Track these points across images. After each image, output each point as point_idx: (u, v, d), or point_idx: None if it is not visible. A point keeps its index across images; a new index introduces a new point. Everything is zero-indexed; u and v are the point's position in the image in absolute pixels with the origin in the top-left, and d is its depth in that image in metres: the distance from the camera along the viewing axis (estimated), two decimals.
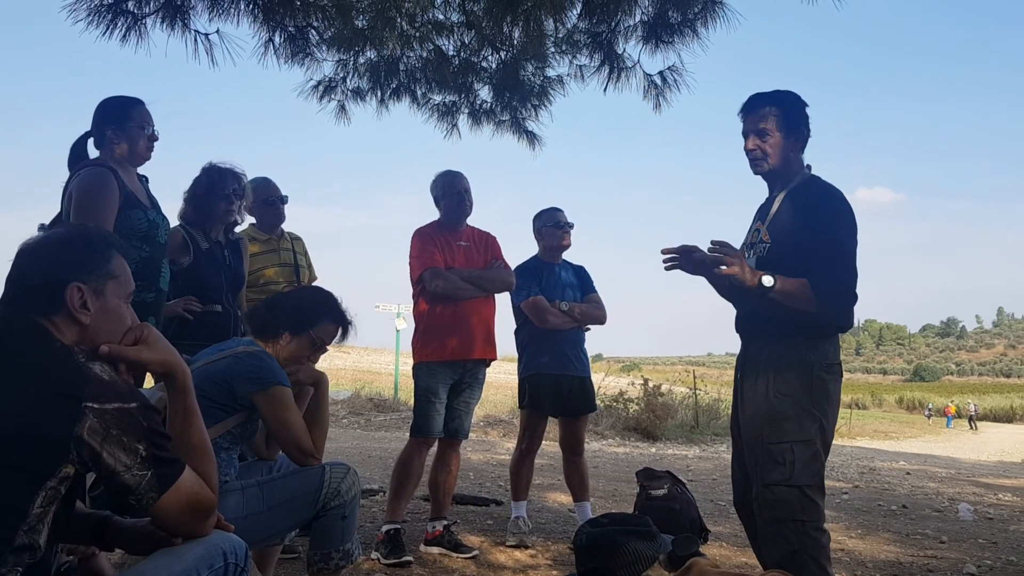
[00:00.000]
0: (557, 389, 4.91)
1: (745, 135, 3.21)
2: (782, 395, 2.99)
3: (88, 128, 3.61)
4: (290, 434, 2.87)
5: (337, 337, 3.13)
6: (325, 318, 3.08)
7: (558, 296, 4.97)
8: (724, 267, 2.94)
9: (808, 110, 3.21)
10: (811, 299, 2.92)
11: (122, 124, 3.55)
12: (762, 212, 3.26)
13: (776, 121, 3.14)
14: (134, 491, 1.69)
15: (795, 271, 2.97)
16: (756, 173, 3.25)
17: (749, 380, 3.15)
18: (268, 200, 4.61)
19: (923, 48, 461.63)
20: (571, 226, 5.10)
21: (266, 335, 3.03)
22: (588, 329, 5.11)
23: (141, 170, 3.68)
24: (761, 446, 3.03)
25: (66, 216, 3.43)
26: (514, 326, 5.13)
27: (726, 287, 3.30)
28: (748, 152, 3.21)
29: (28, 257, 1.81)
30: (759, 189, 3.34)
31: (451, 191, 4.64)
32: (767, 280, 2.92)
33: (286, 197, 4.66)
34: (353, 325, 3.15)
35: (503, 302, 4.85)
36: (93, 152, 3.60)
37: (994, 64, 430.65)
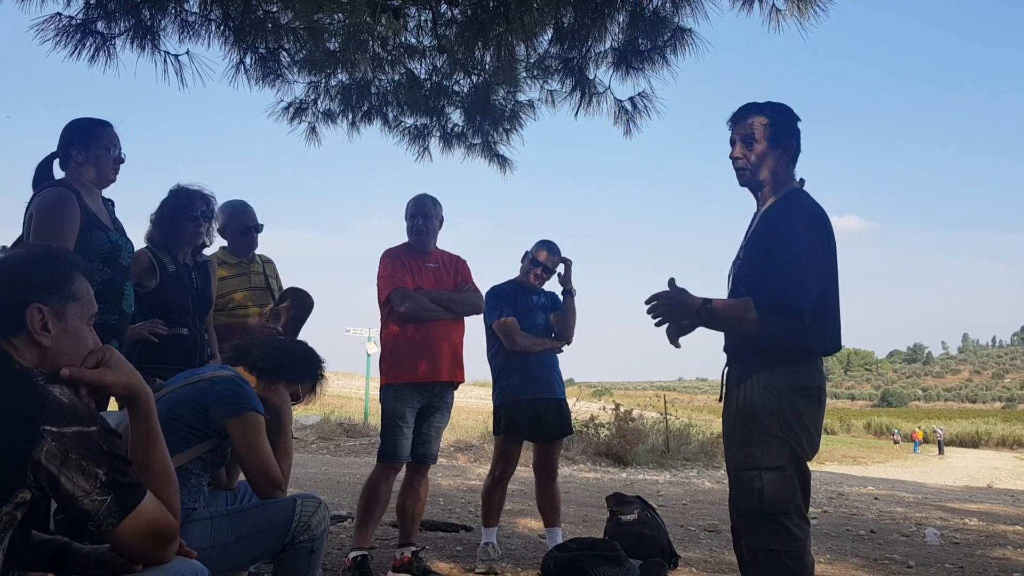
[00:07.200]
0: (534, 414, 4.88)
1: (732, 143, 3.05)
2: (749, 420, 2.87)
3: (53, 149, 3.57)
4: (259, 461, 2.83)
5: (308, 397, 3.25)
6: (311, 377, 3.20)
7: (531, 319, 4.97)
8: (656, 323, 2.92)
9: (800, 125, 3.03)
10: (752, 318, 2.79)
11: (88, 145, 3.52)
12: (748, 228, 3.12)
13: (764, 130, 2.98)
14: (93, 517, 1.64)
15: (753, 287, 2.85)
16: (742, 184, 3.09)
17: (726, 404, 3.04)
18: (243, 228, 4.53)
19: (898, 78, 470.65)
20: (548, 272, 5.04)
21: (262, 376, 3.08)
22: (561, 351, 5.10)
23: (107, 193, 3.65)
24: (733, 472, 2.93)
25: (27, 237, 3.39)
26: (487, 350, 5.10)
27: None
28: (733, 160, 3.05)
29: None
30: (736, 210, 3.27)
31: (418, 213, 4.65)
32: (706, 300, 2.84)
33: (261, 226, 4.56)
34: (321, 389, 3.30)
35: (473, 325, 4.84)
36: (59, 173, 3.56)
37: (965, 98, 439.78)
